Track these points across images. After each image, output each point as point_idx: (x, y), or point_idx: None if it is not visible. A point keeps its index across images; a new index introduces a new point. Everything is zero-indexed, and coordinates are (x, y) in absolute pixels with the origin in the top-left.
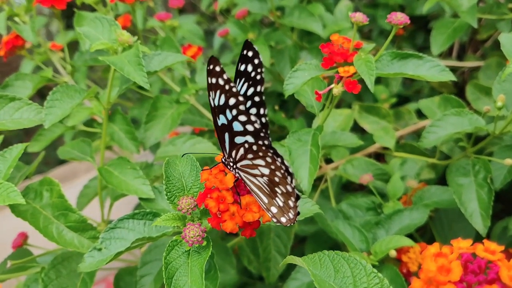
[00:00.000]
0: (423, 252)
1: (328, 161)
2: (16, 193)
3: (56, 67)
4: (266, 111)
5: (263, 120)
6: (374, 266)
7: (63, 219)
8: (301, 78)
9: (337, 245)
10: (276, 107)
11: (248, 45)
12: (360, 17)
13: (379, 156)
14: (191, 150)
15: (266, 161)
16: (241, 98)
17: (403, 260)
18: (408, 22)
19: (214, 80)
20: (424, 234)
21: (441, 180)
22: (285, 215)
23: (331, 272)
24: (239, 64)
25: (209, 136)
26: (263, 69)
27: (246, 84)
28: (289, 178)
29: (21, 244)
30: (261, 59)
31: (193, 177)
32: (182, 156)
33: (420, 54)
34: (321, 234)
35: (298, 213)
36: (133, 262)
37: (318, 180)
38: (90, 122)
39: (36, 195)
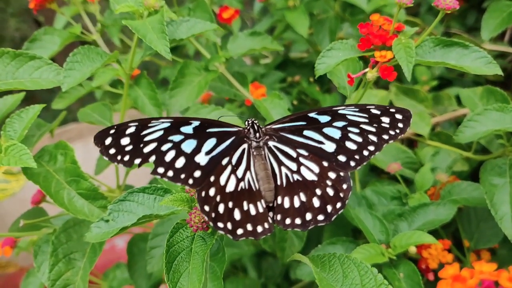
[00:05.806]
0: (440, 273)
1: None
2: (28, 156)
3: (86, 24)
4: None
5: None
6: (391, 260)
7: (75, 186)
8: (334, 58)
9: (357, 230)
10: (311, 79)
11: (404, 113)
12: None
13: (412, 142)
14: None
15: None
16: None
17: (423, 256)
18: (457, 7)
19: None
20: (448, 227)
21: (474, 174)
22: None
23: (339, 276)
24: (375, 106)
25: (237, 105)
26: (394, 139)
27: (364, 119)
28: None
29: (39, 201)
30: (405, 132)
31: None
32: None
33: (466, 42)
34: (342, 217)
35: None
36: (149, 227)
37: None
38: (116, 83)
39: (50, 158)
